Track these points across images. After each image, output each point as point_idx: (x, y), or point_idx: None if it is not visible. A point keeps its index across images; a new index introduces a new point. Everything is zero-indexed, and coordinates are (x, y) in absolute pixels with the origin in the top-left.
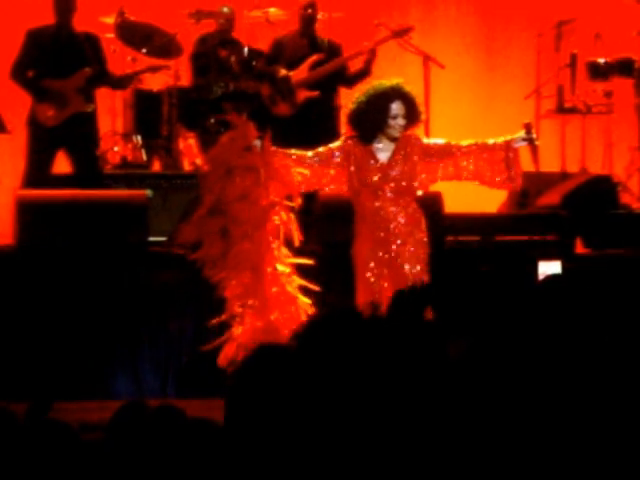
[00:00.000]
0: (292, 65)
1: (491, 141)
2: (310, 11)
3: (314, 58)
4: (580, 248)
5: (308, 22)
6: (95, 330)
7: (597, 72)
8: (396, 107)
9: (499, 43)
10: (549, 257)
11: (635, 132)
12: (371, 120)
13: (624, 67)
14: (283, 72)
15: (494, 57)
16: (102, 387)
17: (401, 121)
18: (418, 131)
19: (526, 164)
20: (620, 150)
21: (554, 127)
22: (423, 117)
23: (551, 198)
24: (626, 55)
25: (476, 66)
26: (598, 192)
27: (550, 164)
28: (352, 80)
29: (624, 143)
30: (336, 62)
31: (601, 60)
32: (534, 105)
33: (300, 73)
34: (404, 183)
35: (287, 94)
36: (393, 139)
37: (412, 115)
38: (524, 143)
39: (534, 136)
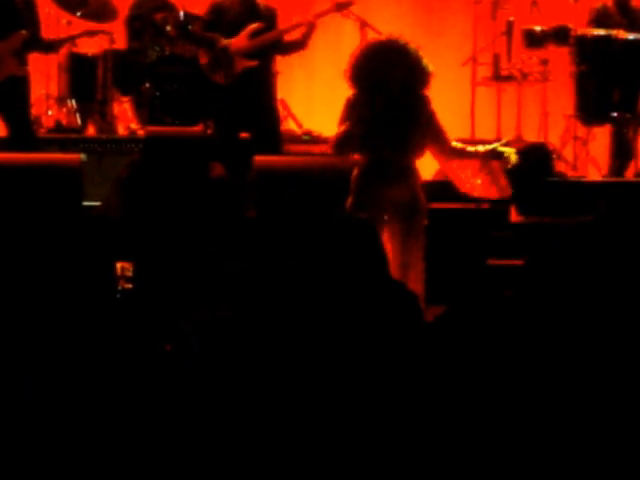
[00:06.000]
0: (231, 31)
1: None
2: None
3: (254, 27)
4: (514, 216)
5: None
6: (26, 296)
7: (533, 40)
8: None
9: (436, 10)
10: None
11: (571, 100)
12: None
13: (560, 35)
14: (223, 42)
15: (431, 24)
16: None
17: None
18: None
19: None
20: (555, 118)
21: (490, 95)
22: None
23: None
24: (562, 23)
25: (413, 33)
26: (533, 160)
27: (485, 131)
28: (287, 49)
29: (559, 111)
30: (276, 33)
31: (537, 28)
32: (470, 72)
33: (239, 41)
34: None
35: (225, 64)
36: None
37: None
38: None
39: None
